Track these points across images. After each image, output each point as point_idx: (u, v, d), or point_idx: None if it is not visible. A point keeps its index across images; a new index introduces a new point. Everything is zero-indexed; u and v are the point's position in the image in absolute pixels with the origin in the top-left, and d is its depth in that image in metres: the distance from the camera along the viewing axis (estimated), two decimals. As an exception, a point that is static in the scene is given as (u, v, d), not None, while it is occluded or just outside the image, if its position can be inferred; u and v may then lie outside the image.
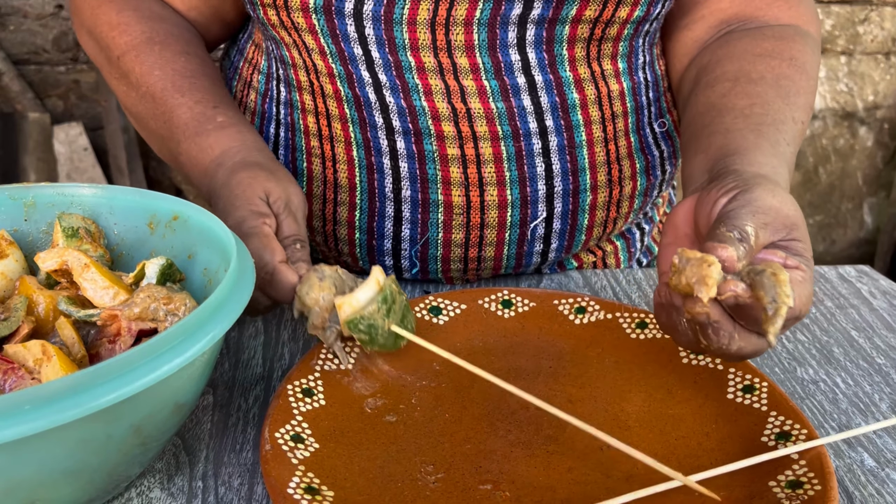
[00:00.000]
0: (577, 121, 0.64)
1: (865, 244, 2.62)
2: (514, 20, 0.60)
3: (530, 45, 0.61)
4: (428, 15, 0.59)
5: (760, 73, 0.61)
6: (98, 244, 0.53)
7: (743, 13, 0.68)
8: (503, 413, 0.51)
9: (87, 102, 2.23)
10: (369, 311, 0.51)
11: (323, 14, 0.60)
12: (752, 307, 0.43)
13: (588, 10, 0.60)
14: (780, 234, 0.46)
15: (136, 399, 0.36)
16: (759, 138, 0.55)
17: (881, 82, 2.41)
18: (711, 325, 0.44)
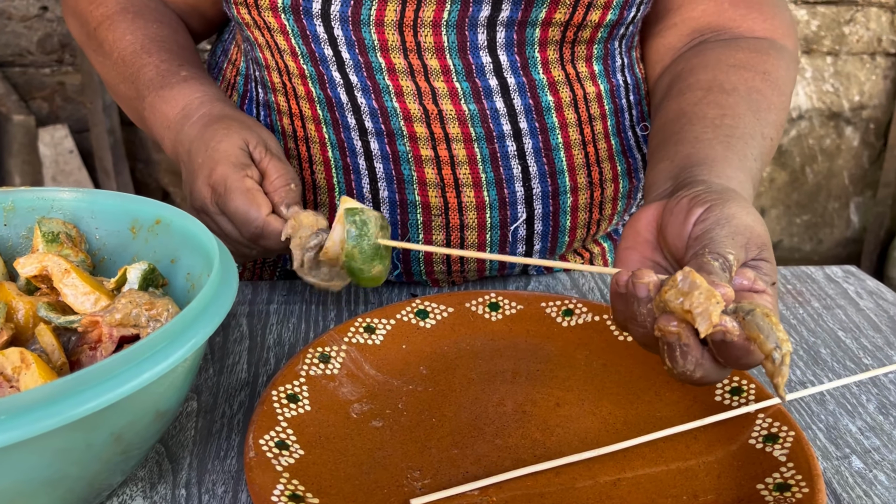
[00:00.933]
0: (552, 123, 0.64)
1: (852, 243, 2.64)
2: (483, 22, 0.59)
3: (501, 47, 0.61)
4: (395, 16, 0.59)
5: (733, 84, 0.60)
6: (79, 249, 0.52)
7: (716, 23, 0.67)
8: (490, 417, 0.50)
9: (73, 104, 2.22)
10: (368, 211, 0.55)
11: (291, 14, 0.60)
12: (733, 344, 0.40)
13: (558, 14, 0.60)
14: (751, 253, 0.45)
15: (116, 407, 0.35)
16: (727, 150, 0.54)
17: (867, 82, 2.43)
18: (680, 348, 0.41)
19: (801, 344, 0.62)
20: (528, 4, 0.59)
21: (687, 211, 0.46)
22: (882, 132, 2.49)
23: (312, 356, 0.53)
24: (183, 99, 0.64)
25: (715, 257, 0.43)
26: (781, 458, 0.44)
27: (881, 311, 0.68)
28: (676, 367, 0.42)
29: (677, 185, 0.51)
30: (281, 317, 0.64)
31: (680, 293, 0.41)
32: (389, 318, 0.58)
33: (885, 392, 0.56)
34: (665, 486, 0.44)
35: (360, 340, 0.56)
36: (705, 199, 0.46)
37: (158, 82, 0.65)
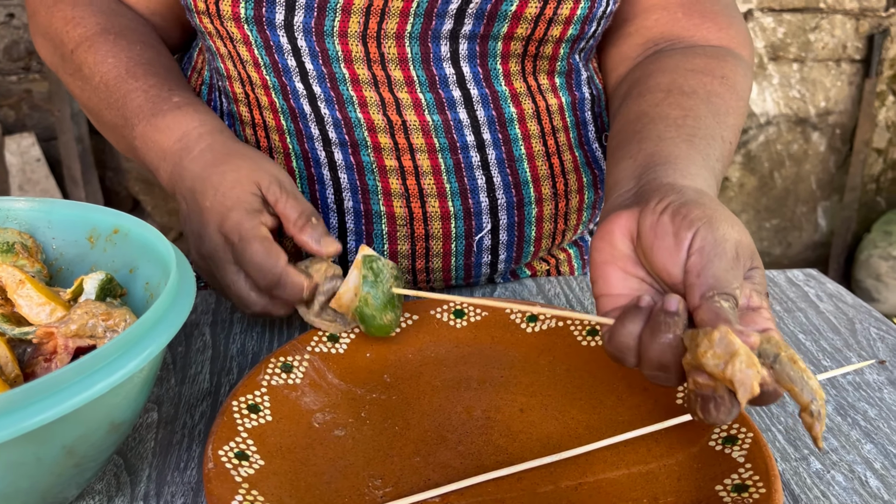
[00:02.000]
0: (514, 134, 0.64)
1: (820, 246, 2.68)
2: (446, 35, 0.60)
3: (464, 59, 0.61)
4: (359, 28, 0.59)
5: (692, 87, 0.61)
6: (35, 259, 0.51)
7: (670, 33, 0.68)
8: (454, 425, 0.50)
9: (40, 112, 2.19)
10: (385, 261, 0.56)
11: (255, 24, 0.60)
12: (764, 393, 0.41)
13: (519, 29, 0.60)
14: (747, 266, 0.45)
15: (67, 419, 0.34)
16: (691, 149, 0.54)
17: (832, 88, 2.47)
18: (714, 399, 0.42)
19: (762, 347, 0.63)
20: (489, 20, 0.59)
21: (674, 235, 0.45)
22: (848, 137, 2.54)
23: (274, 366, 0.52)
24: (178, 128, 0.60)
25: (726, 299, 0.42)
26: (740, 460, 0.45)
27: (840, 314, 0.69)
28: (710, 418, 0.42)
29: (642, 186, 0.50)
30: (245, 326, 0.64)
31: (716, 356, 0.40)
32: (354, 327, 0.58)
33: (843, 393, 0.57)
34: (626, 490, 0.45)
35: (324, 349, 0.56)
36: (689, 219, 0.45)
37: (149, 109, 0.61)
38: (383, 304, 0.55)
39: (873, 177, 2.61)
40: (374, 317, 0.55)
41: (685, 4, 0.67)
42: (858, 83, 2.47)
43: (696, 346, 0.41)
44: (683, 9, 0.67)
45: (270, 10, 0.59)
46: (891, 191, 2.64)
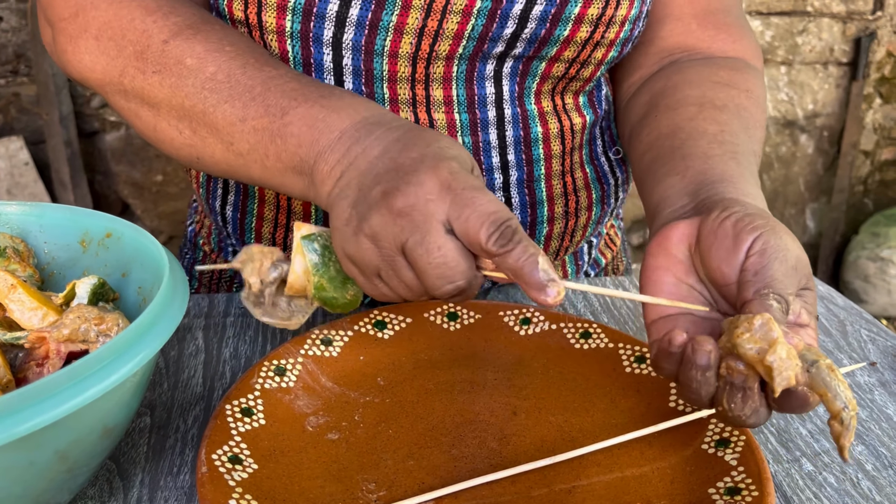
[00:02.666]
0: (537, 155, 0.64)
1: (809, 248, 2.70)
2: (495, 56, 0.60)
3: (506, 76, 0.61)
4: (410, 49, 0.58)
5: (723, 101, 0.60)
6: (27, 263, 0.51)
7: (685, 43, 0.68)
8: (447, 428, 0.50)
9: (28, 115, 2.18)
10: (326, 233, 0.49)
11: (299, 40, 0.58)
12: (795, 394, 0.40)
13: (567, 52, 0.60)
14: (802, 282, 0.44)
15: (59, 424, 0.34)
16: (740, 167, 0.53)
17: (820, 91, 2.49)
18: (744, 391, 0.41)
19: (753, 349, 0.63)
20: (541, 44, 0.59)
21: (734, 237, 0.44)
22: (835, 139, 2.55)
23: (268, 369, 0.52)
24: (365, 109, 0.50)
25: (778, 300, 0.42)
26: (732, 463, 0.45)
27: (832, 316, 0.69)
28: (734, 410, 0.41)
29: (702, 201, 0.49)
30: (238, 329, 0.63)
31: (754, 340, 0.40)
32: (347, 329, 0.58)
33: (834, 395, 0.57)
34: (619, 493, 0.45)
35: (317, 352, 0.56)
36: (753, 225, 0.44)
37: (314, 92, 0.51)
38: (341, 281, 0.50)
39: (861, 179, 2.62)
40: (336, 298, 0.50)
41: (698, 16, 0.68)
42: (846, 86, 2.49)
43: (734, 327, 0.41)
44: (697, 20, 0.67)
45: (319, 25, 0.57)
46: (878, 192, 2.66)
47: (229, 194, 0.68)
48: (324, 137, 0.49)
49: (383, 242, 0.45)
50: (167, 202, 2.31)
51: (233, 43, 0.54)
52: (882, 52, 2.46)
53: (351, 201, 0.46)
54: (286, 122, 0.50)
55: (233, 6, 0.58)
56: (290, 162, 0.51)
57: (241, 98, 0.52)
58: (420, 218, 0.44)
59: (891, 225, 2.48)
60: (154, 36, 0.55)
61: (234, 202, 0.68)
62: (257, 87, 0.52)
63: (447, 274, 0.44)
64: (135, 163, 2.25)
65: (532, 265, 0.42)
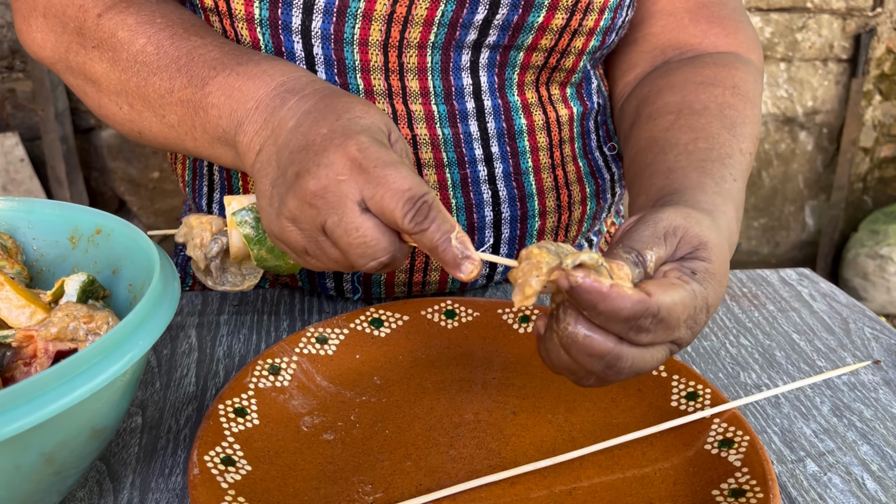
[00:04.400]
0: (523, 147, 0.63)
1: (808, 246, 2.69)
2: (469, 44, 0.59)
3: (483, 67, 0.60)
4: (380, 37, 0.57)
5: (704, 103, 0.58)
6: (15, 260, 0.50)
7: (677, 40, 0.66)
8: (445, 428, 0.49)
9: (24, 112, 2.16)
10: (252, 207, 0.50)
11: (269, 27, 0.57)
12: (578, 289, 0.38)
13: (543, 40, 0.59)
14: (682, 250, 0.43)
15: (45, 426, 0.33)
16: (702, 176, 0.52)
17: (819, 88, 2.48)
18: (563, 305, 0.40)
19: (756, 347, 0.62)
20: (515, 31, 0.58)
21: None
22: (835, 137, 2.54)
23: (262, 368, 0.51)
24: (280, 74, 0.49)
25: (627, 251, 0.41)
26: (736, 464, 0.44)
27: (834, 314, 0.68)
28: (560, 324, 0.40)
29: None
30: (231, 328, 0.62)
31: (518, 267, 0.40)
32: (343, 327, 0.57)
33: (838, 394, 0.56)
34: (621, 495, 0.44)
35: (312, 351, 0.55)
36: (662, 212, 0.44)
37: (233, 60, 0.51)
38: (279, 251, 0.51)
39: (860, 176, 2.62)
40: (280, 266, 0.52)
41: (691, 10, 0.66)
42: (845, 82, 2.48)
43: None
44: (690, 14, 0.66)
45: (287, 12, 0.56)
46: (877, 190, 2.65)
47: (214, 191, 0.67)
48: (241, 107, 0.49)
49: (303, 225, 0.45)
50: (163, 199, 2.30)
51: (164, 14, 0.54)
52: (882, 48, 2.45)
53: (271, 180, 0.46)
54: (206, 93, 0.50)
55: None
56: (214, 133, 0.51)
57: (168, 70, 0.52)
58: (334, 199, 0.43)
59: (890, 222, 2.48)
60: (90, 10, 0.56)
61: (219, 200, 0.67)
62: (182, 58, 0.52)
63: (369, 252, 0.44)
64: (131, 160, 2.23)
65: (446, 242, 0.42)
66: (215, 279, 0.54)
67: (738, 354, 0.61)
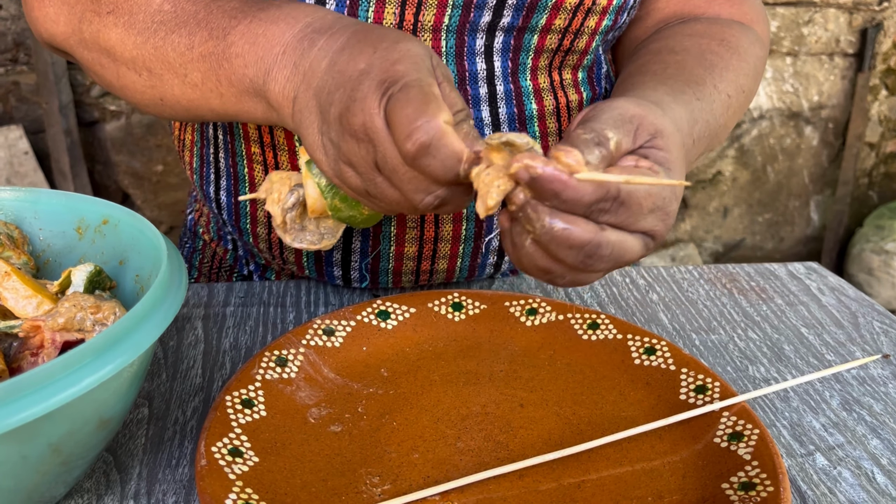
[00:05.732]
0: (533, 132, 0.63)
1: (813, 241, 2.68)
2: (483, 27, 0.58)
3: (497, 52, 0.60)
4: (394, 19, 0.56)
5: (685, 47, 0.59)
6: (21, 251, 0.49)
7: (682, 11, 0.67)
8: (453, 420, 0.49)
9: (28, 105, 2.16)
10: None
11: None
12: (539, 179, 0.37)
13: (557, 20, 0.59)
14: (640, 139, 0.42)
15: (52, 416, 0.33)
16: (658, 84, 0.52)
17: (825, 82, 2.47)
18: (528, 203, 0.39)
19: (764, 341, 0.62)
20: (529, 11, 0.57)
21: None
22: (840, 131, 2.53)
23: (269, 359, 0.51)
24: (304, 15, 0.47)
25: (587, 131, 0.40)
26: (746, 457, 0.44)
27: (843, 307, 0.68)
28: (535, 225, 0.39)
29: None
30: (238, 319, 0.62)
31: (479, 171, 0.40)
32: (350, 319, 0.57)
33: (847, 388, 0.56)
34: (630, 487, 0.44)
35: (319, 343, 0.54)
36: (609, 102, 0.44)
37: (253, 7, 0.49)
38: (355, 202, 0.50)
39: (866, 171, 2.61)
40: (354, 216, 0.51)
41: None
42: (851, 77, 2.46)
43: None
44: None
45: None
46: (883, 185, 2.64)
47: (221, 179, 0.67)
48: (267, 53, 0.47)
49: (359, 167, 0.43)
50: (167, 192, 2.29)
51: None
52: (888, 43, 2.44)
53: (317, 127, 0.45)
54: (229, 43, 0.48)
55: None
56: (241, 85, 0.49)
57: (188, 25, 0.50)
58: (381, 135, 0.41)
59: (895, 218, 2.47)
60: None
61: (226, 187, 0.67)
62: (201, 12, 0.50)
63: (422, 186, 0.42)
64: (135, 153, 2.23)
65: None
66: (292, 234, 0.52)
67: (747, 348, 0.61)
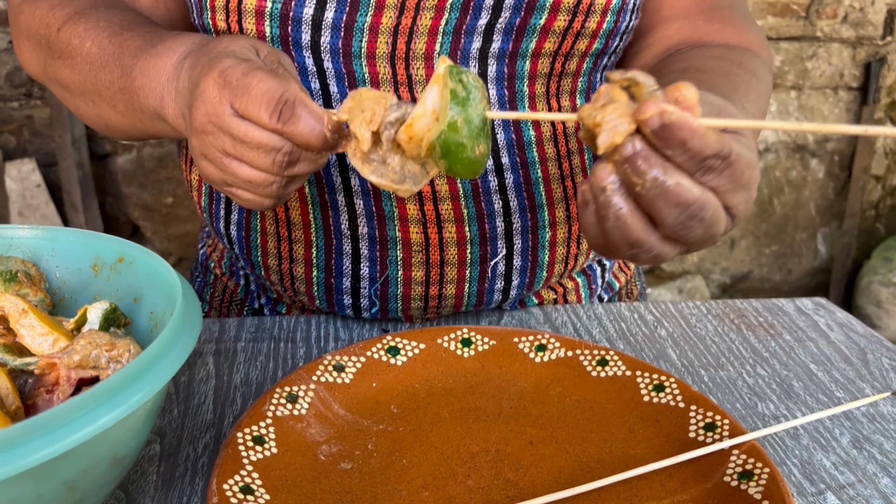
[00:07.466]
0: (532, 158, 0.64)
1: (820, 273, 2.68)
2: (475, 54, 0.60)
3: (492, 81, 0.61)
4: (387, 49, 0.58)
5: (710, 67, 0.60)
6: (38, 288, 0.50)
7: (691, 38, 0.68)
8: (463, 458, 0.49)
9: (41, 138, 2.19)
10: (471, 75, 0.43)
11: (280, 44, 0.59)
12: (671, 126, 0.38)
13: (547, 43, 0.60)
14: None
15: (68, 455, 0.33)
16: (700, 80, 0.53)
17: (830, 115, 2.48)
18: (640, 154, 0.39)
19: (773, 377, 0.62)
20: (518, 35, 0.59)
21: None
22: (846, 164, 2.54)
23: (279, 396, 0.52)
24: (180, 45, 0.54)
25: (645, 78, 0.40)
26: (757, 496, 0.44)
27: (852, 344, 0.68)
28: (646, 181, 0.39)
29: None
30: (248, 355, 0.63)
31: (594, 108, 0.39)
32: (360, 355, 0.57)
33: (857, 426, 0.56)
34: (640, 527, 0.43)
35: (329, 379, 0.55)
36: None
37: (149, 44, 0.56)
38: (477, 130, 0.42)
39: (872, 203, 2.61)
40: (465, 146, 0.42)
41: (705, 12, 0.68)
42: (856, 110, 2.48)
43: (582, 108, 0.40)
44: (704, 16, 0.68)
45: (296, 29, 0.58)
46: (890, 217, 2.64)
47: (231, 213, 0.68)
48: (157, 84, 0.54)
49: (211, 156, 0.48)
50: (177, 224, 2.31)
51: (107, 18, 0.61)
52: (892, 76, 2.45)
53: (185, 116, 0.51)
54: (133, 78, 0.56)
55: (215, 17, 0.60)
56: (149, 112, 0.56)
57: (108, 65, 0.58)
58: (217, 120, 0.46)
59: (903, 250, 2.46)
60: (52, 26, 0.63)
61: (237, 221, 0.68)
62: (115, 52, 0.58)
63: (267, 152, 0.46)
64: (145, 185, 2.25)
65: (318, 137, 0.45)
66: (373, 165, 0.45)
67: (756, 385, 0.61)
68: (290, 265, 0.67)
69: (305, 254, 0.66)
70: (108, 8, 0.63)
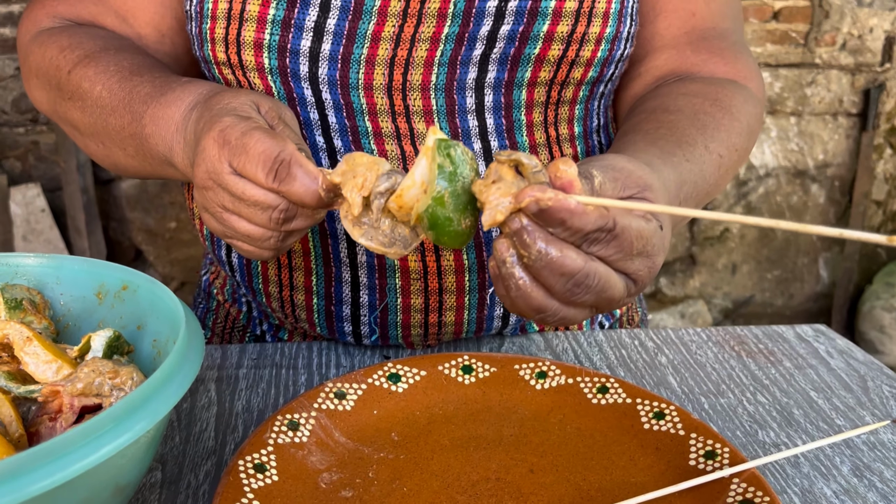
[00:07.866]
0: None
1: (822, 298, 2.67)
2: (472, 85, 0.60)
3: (489, 110, 0.62)
4: (384, 80, 0.59)
5: (679, 106, 0.61)
6: (43, 315, 0.51)
7: (679, 69, 0.69)
8: (463, 486, 0.49)
9: (46, 163, 2.21)
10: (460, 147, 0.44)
11: (279, 76, 0.60)
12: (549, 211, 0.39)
13: (542, 72, 0.61)
14: (630, 190, 0.44)
15: (71, 483, 0.34)
16: (649, 146, 0.54)
17: (830, 141, 2.50)
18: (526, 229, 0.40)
19: (774, 405, 0.62)
20: (513, 64, 0.60)
21: None
22: (847, 189, 2.55)
23: (281, 423, 0.52)
24: (189, 95, 0.56)
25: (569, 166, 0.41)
26: (757, 525, 0.44)
27: (852, 371, 0.68)
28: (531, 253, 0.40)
29: None
30: (250, 382, 0.63)
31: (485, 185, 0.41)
32: (361, 382, 0.57)
33: (858, 454, 0.56)
34: (641, 556, 0.43)
35: (331, 406, 0.55)
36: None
37: (159, 90, 0.57)
38: (463, 205, 0.42)
39: (873, 228, 2.61)
40: (451, 220, 0.42)
41: (693, 42, 0.69)
42: (856, 136, 2.49)
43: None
44: (692, 46, 0.69)
45: (294, 61, 0.59)
46: (891, 242, 2.64)
47: None
48: (167, 133, 0.56)
49: (213, 210, 0.50)
50: (180, 249, 2.32)
51: (117, 62, 0.62)
52: (891, 103, 2.47)
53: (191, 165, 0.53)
54: (143, 125, 0.58)
55: (215, 49, 0.61)
56: (159, 157, 0.58)
57: (118, 110, 0.60)
58: (216, 178, 0.48)
59: (905, 275, 2.46)
60: (62, 69, 0.64)
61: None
62: (126, 97, 0.59)
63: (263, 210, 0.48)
64: (149, 210, 2.27)
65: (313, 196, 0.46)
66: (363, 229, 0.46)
67: (756, 412, 0.61)
68: (291, 292, 0.68)
69: (305, 281, 0.67)
70: (118, 50, 0.64)
